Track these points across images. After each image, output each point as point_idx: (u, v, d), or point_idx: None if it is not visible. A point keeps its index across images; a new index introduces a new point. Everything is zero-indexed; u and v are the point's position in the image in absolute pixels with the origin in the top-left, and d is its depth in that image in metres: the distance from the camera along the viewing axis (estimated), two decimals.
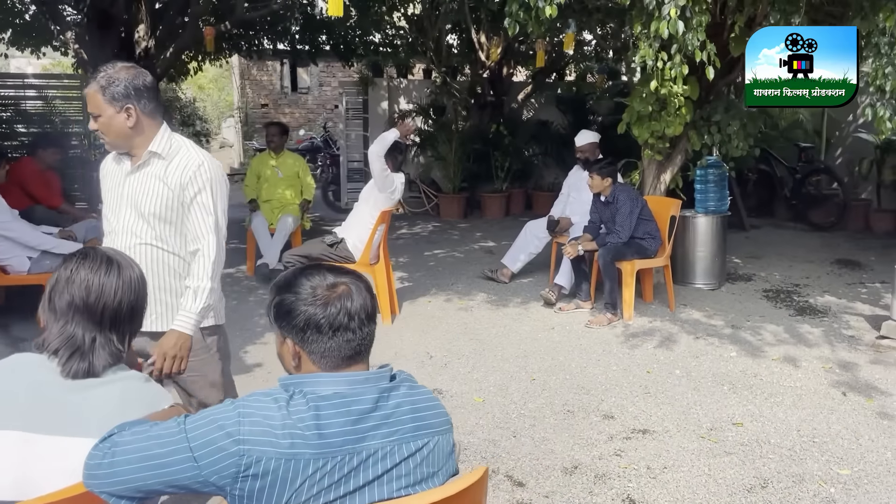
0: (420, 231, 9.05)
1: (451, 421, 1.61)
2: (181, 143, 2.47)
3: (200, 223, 2.43)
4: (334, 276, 1.53)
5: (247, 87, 16.89)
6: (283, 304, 1.50)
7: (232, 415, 1.35)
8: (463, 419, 3.70)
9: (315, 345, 1.46)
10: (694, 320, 5.38)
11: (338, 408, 1.39)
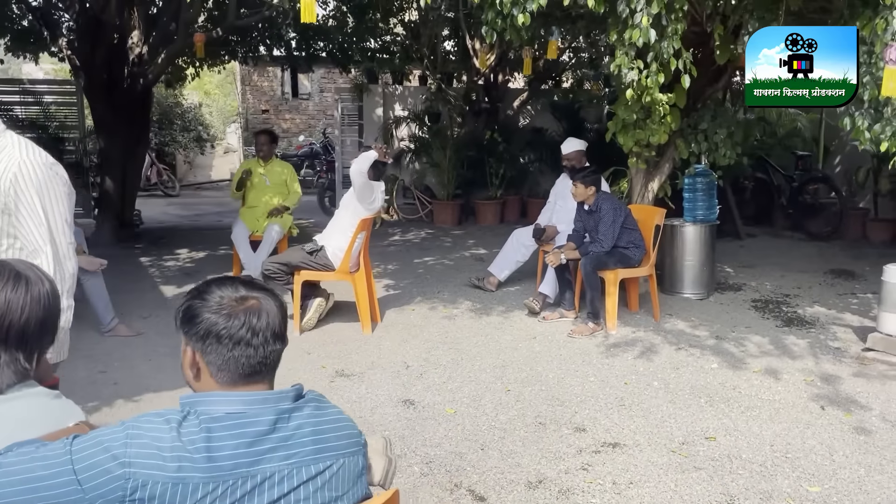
0: (413, 238, 9.01)
1: (362, 442, 1.57)
2: (7, 142, 2.18)
3: (33, 233, 2.17)
4: (247, 289, 1.49)
5: (248, 92, 16.93)
6: (189, 310, 1.46)
7: (120, 436, 1.32)
8: (432, 431, 3.65)
9: (213, 356, 1.42)
10: (678, 331, 5.32)
11: (231, 429, 1.35)
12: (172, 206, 12.88)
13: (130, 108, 8.40)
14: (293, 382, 4.31)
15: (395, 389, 4.19)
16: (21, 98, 9.61)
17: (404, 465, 3.30)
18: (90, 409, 3.84)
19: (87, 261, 4.80)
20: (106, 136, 8.32)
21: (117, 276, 6.80)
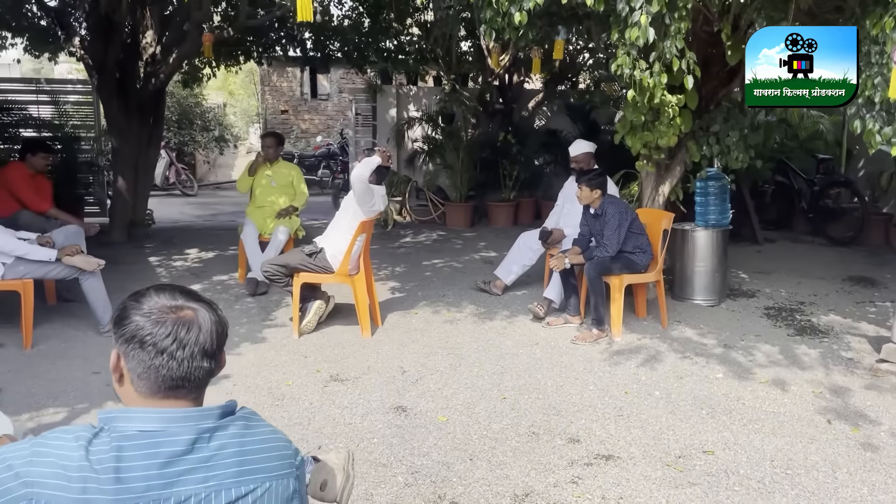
0: (424, 240, 8.94)
1: (296, 464, 1.48)
2: None
3: None
4: (186, 299, 1.42)
5: (267, 93, 16.98)
6: (122, 310, 1.40)
7: (25, 453, 1.25)
8: (421, 439, 3.57)
9: (134, 362, 1.36)
10: (685, 338, 5.18)
11: (143, 448, 1.28)
12: (189, 206, 12.94)
13: (143, 108, 8.43)
14: (288, 386, 4.23)
15: (389, 395, 4.11)
16: (37, 97, 9.68)
17: (388, 474, 3.22)
18: (79, 410, 3.82)
19: (84, 261, 4.78)
20: (118, 135, 8.34)
21: (125, 275, 6.82)
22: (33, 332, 4.99)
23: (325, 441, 3.53)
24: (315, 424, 3.72)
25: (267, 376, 4.36)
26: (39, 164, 5.89)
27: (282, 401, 4.00)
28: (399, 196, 10.08)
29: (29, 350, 4.68)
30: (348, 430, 3.67)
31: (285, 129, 17.00)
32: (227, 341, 4.59)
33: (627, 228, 5.16)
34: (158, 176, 14.15)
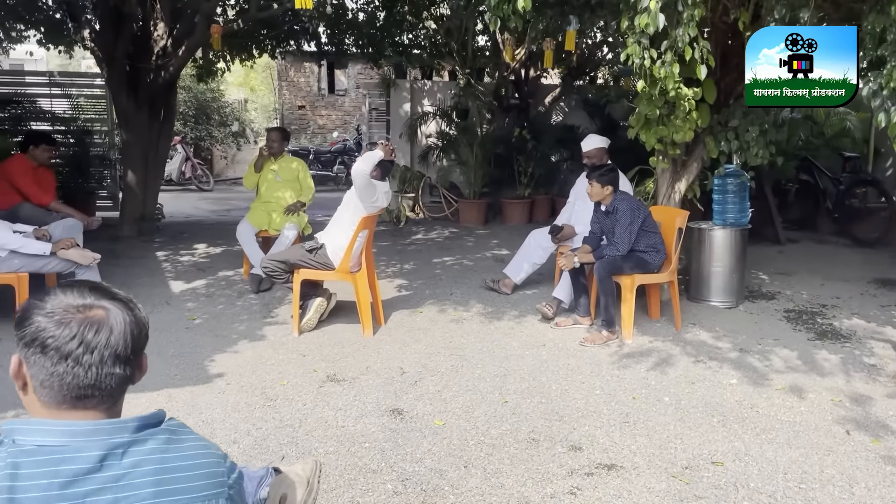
0: (436, 237, 8.78)
1: (229, 482, 1.33)
2: None
3: None
4: (97, 297, 1.27)
5: (284, 88, 16.91)
6: (25, 309, 1.26)
7: None
8: (415, 444, 3.41)
9: (36, 367, 1.21)
10: (699, 341, 4.97)
11: (42, 466, 1.13)
12: (204, 201, 12.89)
13: (153, 102, 8.36)
14: (283, 386, 4.07)
15: (386, 397, 3.96)
16: (50, 90, 9.67)
17: (377, 481, 3.07)
18: None
19: (79, 254, 4.68)
20: (128, 128, 8.28)
21: (130, 269, 6.76)
22: None
23: (315, 445, 3.39)
24: (306, 427, 3.58)
25: (262, 375, 4.24)
26: (42, 157, 5.82)
27: (274, 401, 3.87)
28: (412, 192, 9.94)
29: None
30: (340, 433, 3.52)
31: (302, 124, 16.94)
32: (226, 339, 4.49)
33: (640, 227, 4.97)
34: (174, 171, 14.16)
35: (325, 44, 10.92)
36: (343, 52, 10.82)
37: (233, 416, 3.67)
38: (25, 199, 5.56)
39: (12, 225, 4.82)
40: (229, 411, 3.73)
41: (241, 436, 3.46)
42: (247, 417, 3.66)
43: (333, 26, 10.46)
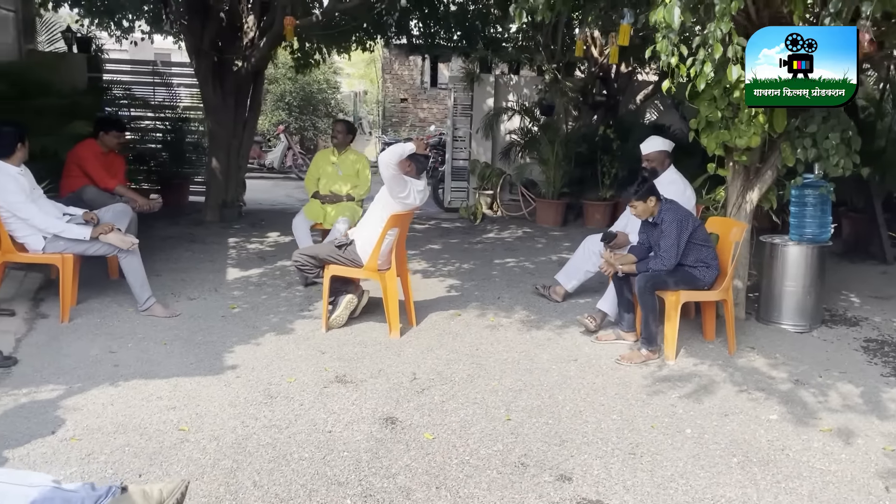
0: (506, 237, 8.55)
1: None
2: None
3: None
4: None
5: (388, 81, 17.08)
6: None
7: None
8: (394, 458, 3.25)
9: None
10: (751, 368, 4.52)
11: None
12: (299, 190, 13.16)
13: (238, 92, 8.59)
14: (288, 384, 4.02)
15: (385, 404, 3.82)
16: (153, 79, 10.17)
17: (339, 495, 2.94)
18: (75, 389, 3.81)
19: (118, 239, 4.83)
20: (213, 118, 8.56)
21: (197, 254, 6.98)
22: (85, 305, 5.14)
23: (293, 449, 3.30)
24: (293, 429, 3.49)
25: (274, 370, 4.20)
26: (111, 142, 6.06)
27: (273, 399, 3.81)
28: (490, 189, 9.73)
29: (65, 323, 4.79)
30: (324, 438, 3.42)
31: (403, 117, 17.06)
32: (255, 330, 4.52)
33: (689, 239, 4.56)
34: (276, 159, 14.61)
35: (416, 37, 10.90)
36: (433, 45, 10.76)
37: (226, 411, 3.65)
38: (92, 183, 5.81)
39: (64, 208, 5.04)
40: (225, 406, 3.71)
41: (224, 432, 3.42)
42: (239, 414, 3.63)
43: (426, 19, 10.42)
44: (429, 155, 5.01)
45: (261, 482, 3.00)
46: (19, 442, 3.22)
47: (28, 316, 4.90)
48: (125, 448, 3.23)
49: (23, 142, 4.68)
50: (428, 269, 6.78)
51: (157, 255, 6.68)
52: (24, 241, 4.73)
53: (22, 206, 4.58)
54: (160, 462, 3.12)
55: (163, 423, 3.49)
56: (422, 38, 10.75)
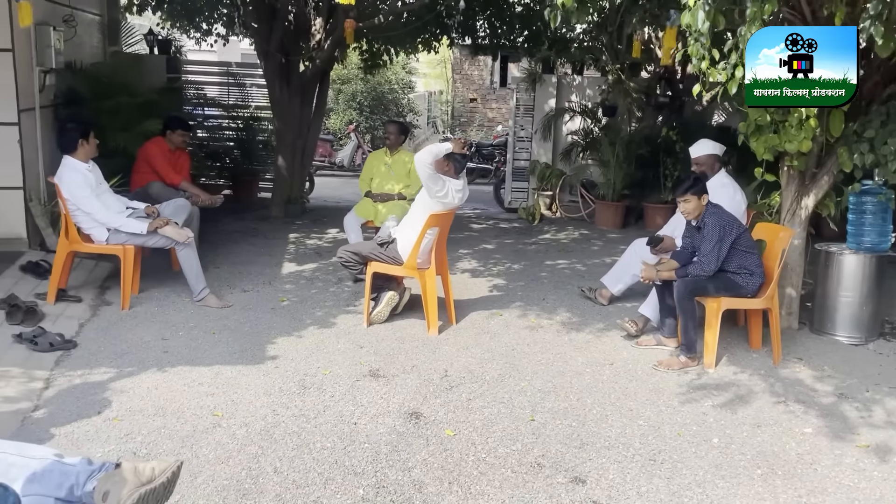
0: (562, 238, 8.50)
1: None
2: None
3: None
4: None
5: (458, 81, 17.20)
6: None
7: None
8: (412, 452, 3.33)
9: None
10: (795, 380, 4.39)
11: None
12: None
13: (304, 92, 8.85)
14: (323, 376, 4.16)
15: (413, 399, 3.90)
16: (228, 80, 10.58)
17: (353, 484, 3.04)
18: (126, 373, 4.05)
19: (174, 232, 5.08)
20: (280, 117, 8.84)
21: (257, 248, 7.25)
22: (146, 294, 5.44)
23: (317, 438, 3.42)
24: (320, 419, 3.63)
25: (312, 362, 4.35)
26: (177, 141, 6.37)
27: (306, 390, 3.96)
28: (549, 190, 9.69)
29: (125, 311, 5.08)
30: (348, 429, 3.53)
31: (471, 117, 17.15)
32: (299, 322, 4.75)
33: (732, 244, 4.46)
34: (346, 157, 14.94)
35: (481, 37, 10.95)
36: (497, 45, 10.79)
37: (260, 400, 3.81)
38: (159, 178, 6.13)
39: (129, 202, 5.34)
40: (260, 394, 3.88)
41: (255, 420, 3.58)
42: (272, 403, 3.79)
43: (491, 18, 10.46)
44: (467, 154, 5.05)
45: (281, 468, 3.14)
46: (67, 420, 3.46)
47: (93, 303, 5.22)
48: (161, 430, 3.42)
49: (86, 138, 4.98)
50: (477, 269, 6.83)
51: (220, 248, 6.98)
52: (90, 232, 5.04)
53: (86, 201, 4.89)
54: (191, 445, 3.30)
55: (200, 408, 3.68)
56: (487, 39, 10.78)
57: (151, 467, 1.87)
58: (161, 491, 1.85)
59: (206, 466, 3.12)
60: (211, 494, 2.91)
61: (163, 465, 1.88)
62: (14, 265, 5.60)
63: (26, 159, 6.07)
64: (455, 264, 6.97)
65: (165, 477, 1.86)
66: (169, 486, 1.88)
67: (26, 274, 5.47)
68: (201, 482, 3.00)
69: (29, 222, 6.12)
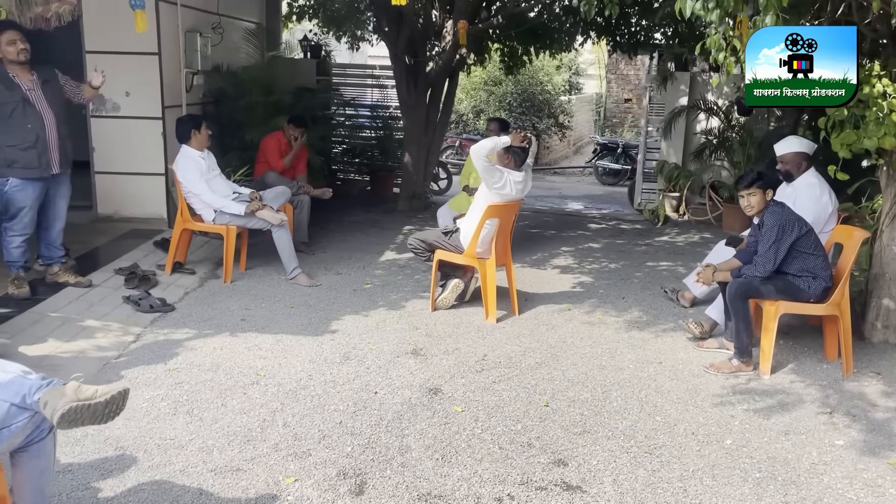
0: (680, 241, 8.23)
1: None
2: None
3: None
4: None
5: (612, 81, 16.92)
6: None
7: None
8: (413, 421, 3.56)
9: None
10: (858, 393, 4.08)
11: None
12: None
13: (430, 92, 9.27)
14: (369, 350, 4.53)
15: (440, 377, 4.11)
16: (371, 81, 11.29)
17: (343, 441, 3.33)
18: (202, 334, 4.61)
19: (269, 215, 5.64)
20: (407, 115, 9.34)
21: (370, 236, 7.75)
22: (252, 271, 6.08)
23: (336, 402, 3.74)
24: (346, 387, 3.94)
25: (365, 338, 4.69)
26: (289, 134, 7.00)
27: (347, 361, 4.30)
28: (677, 191, 9.39)
29: (227, 284, 5.72)
30: (367, 397, 3.82)
31: (623, 117, 16.78)
32: (372, 303, 5.43)
33: (794, 246, 4.22)
34: None
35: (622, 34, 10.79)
36: (638, 42, 10.59)
37: (304, 365, 4.20)
38: (272, 168, 6.80)
39: (236, 188, 5.98)
40: (305, 361, 4.27)
41: (289, 381, 3.97)
42: (312, 369, 4.16)
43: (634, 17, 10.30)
44: (527, 147, 5.15)
45: (290, 423, 3.50)
46: (136, 366, 4.05)
47: (204, 276, 5.92)
48: (207, 382, 3.91)
49: (198, 129, 5.66)
50: (570, 266, 6.86)
51: (336, 236, 7.56)
52: (201, 212, 5.73)
53: (195, 184, 5.57)
54: (226, 396, 3.75)
55: (249, 367, 4.14)
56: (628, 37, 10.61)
57: (95, 389, 2.25)
58: (98, 409, 2.21)
59: (229, 415, 3.55)
60: (221, 437, 3.33)
61: (106, 389, 2.26)
62: (150, 241, 6.46)
63: (169, 150, 6.95)
64: (550, 260, 7.05)
65: (104, 398, 2.23)
66: (108, 407, 2.24)
67: (157, 248, 6.29)
68: (219, 427, 3.43)
69: (169, 204, 7.01)
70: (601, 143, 14.80)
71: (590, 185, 14.63)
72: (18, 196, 4.69)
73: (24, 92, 4.70)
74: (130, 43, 6.61)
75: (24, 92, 4.70)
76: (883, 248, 4.87)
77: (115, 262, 5.81)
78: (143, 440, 3.26)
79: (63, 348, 4.21)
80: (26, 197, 4.71)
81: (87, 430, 3.30)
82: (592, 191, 13.63)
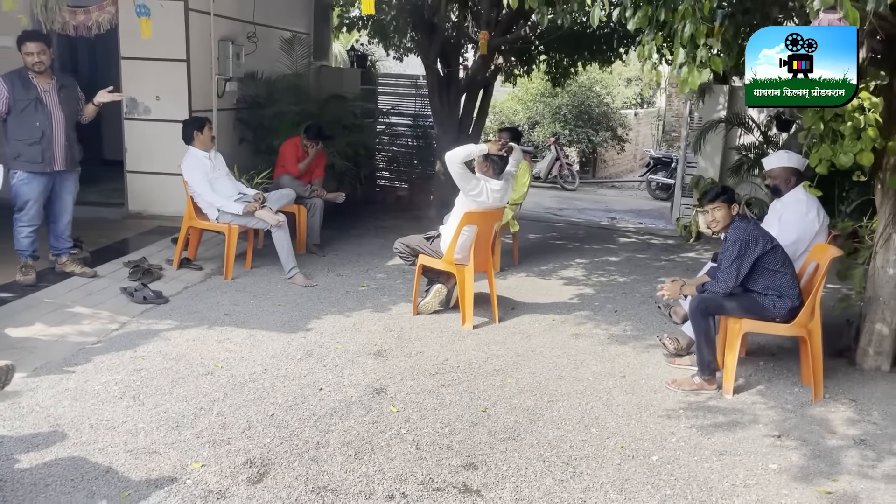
0: (705, 258, 7.97)
1: None
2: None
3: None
4: None
5: (672, 94, 16.55)
6: None
7: None
8: (341, 418, 3.63)
9: None
10: (820, 419, 3.90)
11: None
12: (552, 199, 13.56)
13: (464, 101, 9.37)
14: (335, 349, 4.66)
15: (391, 378, 4.18)
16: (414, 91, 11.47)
17: (266, 434, 3.43)
18: (182, 326, 4.83)
19: (268, 215, 5.85)
20: (439, 124, 9.46)
21: (386, 242, 7.82)
22: (256, 269, 6.30)
23: (275, 396, 3.86)
24: (295, 382, 4.05)
25: (336, 337, 4.80)
26: (305, 143, 7.21)
27: (308, 358, 4.42)
28: None
29: (227, 280, 5.95)
30: (309, 393, 3.92)
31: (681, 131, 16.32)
32: (359, 304, 5.60)
33: (758, 262, 4.08)
34: (543, 169, 15.19)
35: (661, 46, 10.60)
36: None
37: (264, 360, 4.34)
38: (286, 172, 7.03)
39: (242, 188, 6.22)
40: (267, 356, 4.41)
41: (243, 374, 4.12)
42: (270, 364, 4.29)
43: None
44: (504, 156, 5.17)
45: (223, 412, 3.64)
46: (108, 352, 4.29)
47: (209, 272, 6.17)
48: (166, 370, 4.11)
49: (200, 130, 5.93)
50: (576, 277, 6.79)
51: (353, 239, 7.74)
52: (206, 211, 6.00)
53: (197, 184, 5.84)
54: (176, 385, 3.92)
55: (210, 359, 4.31)
56: None
57: None
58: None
59: (170, 402, 3.72)
60: (152, 421, 3.50)
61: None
62: (168, 237, 6.79)
63: None
64: (558, 271, 7.00)
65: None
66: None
67: (173, 244, 6.61)
68: (156, 412, 3.60)
69: None
70: (654, 157, 14.52)
71: (642, 199, 14.34)
72: (24, 189, 5.05)
73: (40, 93, 5.06)
74: (161, 50, 7.00)
75: (40, 93, 5.06)
76: (876, 271, 4.65)
77: (129, 255, 6.14)
78: (80, 420, 3.47)
79: (46, 332, 4.50)
80: (31, 190, 5.07)
81: (32, 406, 3.55)
82: (642, 205, 13.36)
